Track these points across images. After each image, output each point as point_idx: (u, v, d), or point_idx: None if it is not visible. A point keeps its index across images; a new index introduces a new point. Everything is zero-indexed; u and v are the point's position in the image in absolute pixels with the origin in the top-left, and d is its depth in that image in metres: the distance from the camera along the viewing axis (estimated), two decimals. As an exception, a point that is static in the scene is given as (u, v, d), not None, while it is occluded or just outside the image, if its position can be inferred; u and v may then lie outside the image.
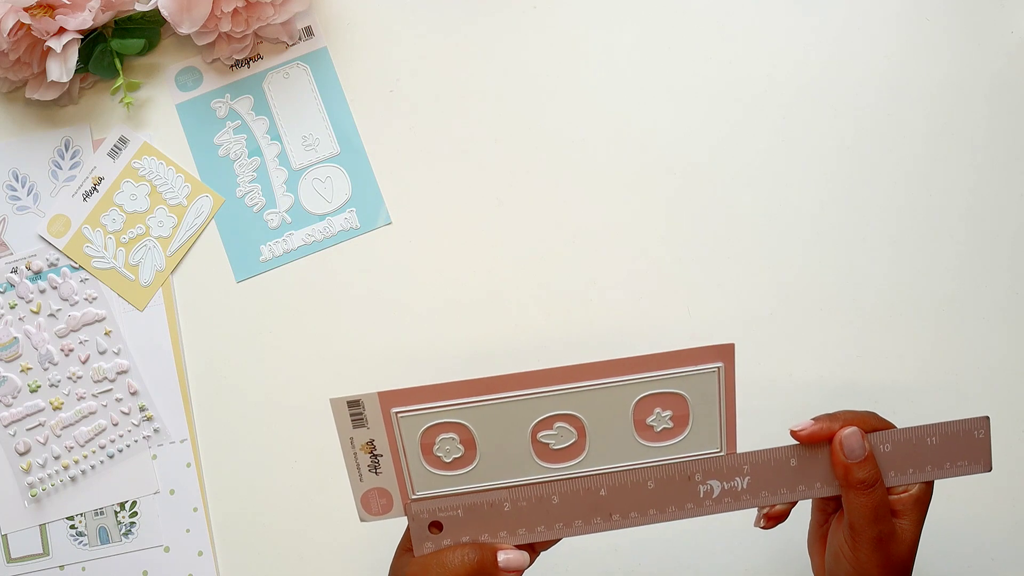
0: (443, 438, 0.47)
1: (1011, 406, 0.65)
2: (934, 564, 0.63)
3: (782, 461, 0.48)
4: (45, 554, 0.65)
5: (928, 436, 0.48)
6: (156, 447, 0.66)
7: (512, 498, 0.47)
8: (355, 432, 0.46)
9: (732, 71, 0.68)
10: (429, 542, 0.47)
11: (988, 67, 0.67)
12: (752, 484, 0.48)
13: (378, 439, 0.46)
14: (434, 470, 0.47)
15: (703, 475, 0.48)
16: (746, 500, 0.48)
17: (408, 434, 0.46)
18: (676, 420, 0.47)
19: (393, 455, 0.47)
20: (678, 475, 0.48)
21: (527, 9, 0.69)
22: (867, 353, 0.65)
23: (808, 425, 0.47)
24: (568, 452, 0.47)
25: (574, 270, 0.66)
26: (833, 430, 0.47)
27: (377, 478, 0.47)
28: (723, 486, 0.48)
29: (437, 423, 0.46)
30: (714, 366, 0.47)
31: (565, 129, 0.68)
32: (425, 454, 0.47)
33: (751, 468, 0.48)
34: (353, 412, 0.46)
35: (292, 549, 0.65)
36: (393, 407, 0.46)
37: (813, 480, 0.48)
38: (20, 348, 0.66)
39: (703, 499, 0.48)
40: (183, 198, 0.67)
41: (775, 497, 0.48)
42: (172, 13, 0.63)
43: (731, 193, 0.67)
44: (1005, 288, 0.66)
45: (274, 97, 0.68)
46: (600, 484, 0.47)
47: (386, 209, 0.67)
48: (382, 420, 0.46)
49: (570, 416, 0.47)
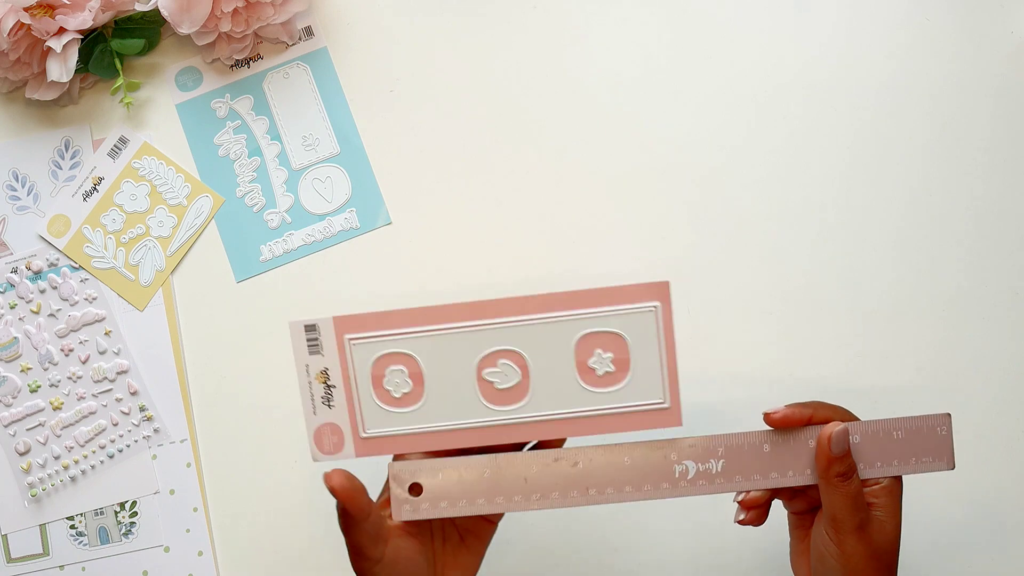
0: (392, 370, 0.48)
1: (1011, 406, 0.65)
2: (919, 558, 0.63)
3: (755, 446, 0.48)
4: (45, 554, 0.65)
5: (894, 430, 0.48)
6: (156, 447, 0.66)
7: (493, 465, 0.48)
8: (311, 359, 0.48)
9: (732, 72, 0.68)
10: (408, 504, 0.48)
11: (988, 67, 0.67)
12: (726, 467, 0.48)
13: (332, 369, 0.48)
14: (384, 406, 0.49)
15: (678, 455, 0.48)
16: (720, 484, 0.48)
17: (360, 363, 0.48)
18: (617, 364, 0.48)
19: (346, 386, 0.48)
20: (654, 453, 0.48)
21: (528, 9, 0.69)
22: (868, 353, 0.65)
23: (781, 410, 0.48)
24: (512, 393, 0.48)
25: (574, 270, 0.66)
26: (804, 416, 0.48)
27: (330, 412, 0.48)
28: (698, 467, 0.48)
29: (387, 352, 0.48)
30: (650, 305, 0.47)
31: (565, 129, 0.68)
32: (376, 387, 0.48)
33: (725, 451, 0.48)
34: (309, 336, 0.48)
35: (292, 549, 0.65)
36: (347, 332, 0.48)
37: (786, 468, 0.48)
38: (20, 348, 0.66)
39: (678, 479, 0.48)
40: (183, 198, 0.67)
41: (748, 483, 0.48)
42: (172, 13, 0.63)
43: (731, 193, 0.67)
44: (1007, 288, 0.66)
45: (274, 97, 0.68)
46: (576, 458, 0.48)
47: (386, 209, 0.67)
48: (336, 347, 0.48)
49: (513, 352, 0.48)
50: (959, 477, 0.64)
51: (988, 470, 0.64)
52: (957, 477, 0.64)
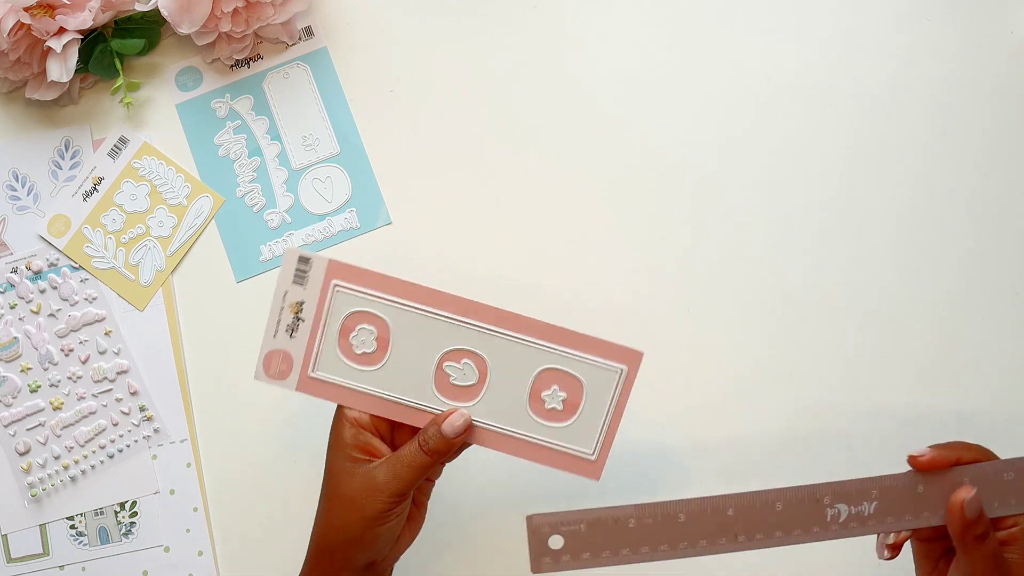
0: (362, 328, 0.49)
1: (1011, 406, 0.65)
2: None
3: (909, 487, 0.48)
4: (45, 554, 0.65)
5: None
6: (156, 447, 0.66)
7: (638, 515, 0.47)
8: (292, 287, 0.49)
9: (732, 71, 0.68)
10: (547, 557, 0.47)
11: (988, 67, 0.67)
12: (879, 509, 0.48)
13: (308, 304, 0.49)
14: (343, 357, 0.50)
15: (832, 498, 0.47)
16: (871, 526, 0.48)
17: (336, 309, 0.49)
18: (567, 405, 0.49)
19: (314, 324, 0.49)
20: (807, 498, 0.47)
21: (528, 9, 0.69)
22: (868, 353, 0.65)
23: (926, 453, 0.48)
24: (464, 392, 0.49)
25: (574, 270, 0.66)
26: (951, 459, 0.48)
27: (289, 341, 0.49)
28: (851, 510, 0.48)
29: (364, 310, 0.49)
30: (618, 367, 0.49)
31: (565, 129, 0.68)
32: (341, 336, 0.49)
33: (879, 493, 0.48)
34: (299, 268, 0.49)
35: (292, 549, 0.65)
36: (335, 278, 0.49)
37: (938, 508, 0.48)
38: (20, 348, 0.66)
39: (830, 523, 0.48)
40: (183, 198, 0.67)
41: (899, 523, 0.48)
42: (172, 13, 0.63)
43: (731, 193, 0.67)
44: (1007, 288, 0.66)
45: (274, 97, 0.68)
46: (728, 504, 0.47)
47: (386, 209, 0.67)
48: (320, 287, 0.49)
49: (478, 356, 0.49)
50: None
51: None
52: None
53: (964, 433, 0.64)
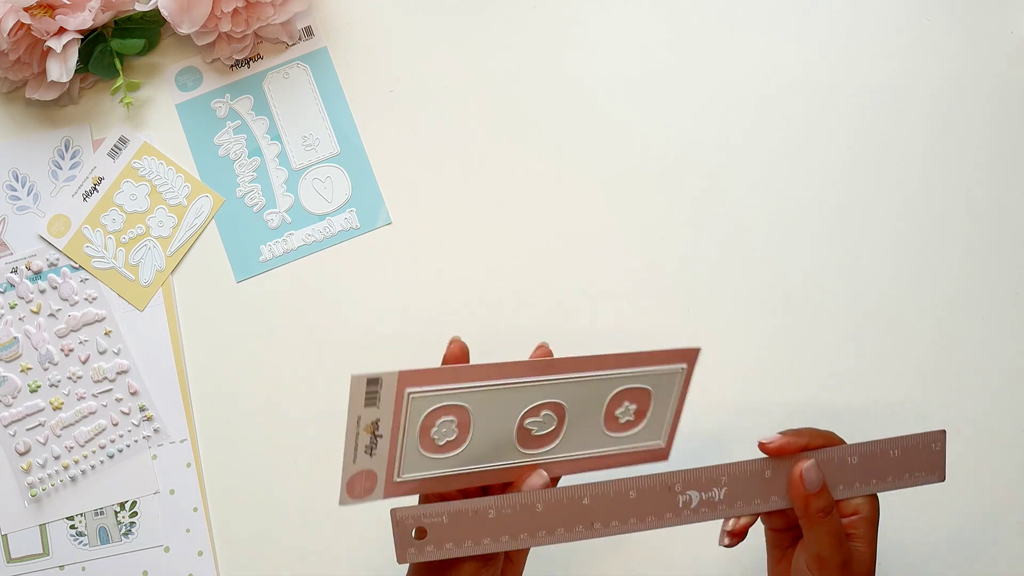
0: (443, 421, 0.48)
1: (1011, 406, 0.65)
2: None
3: (758, 472, 0.49)
4: (45, 554, 0.65)
5: (891, 448, 0.50)
6: (156, 447, 0.66)
7: (497, 505, 0.48)
8: (365, 411, 0.46)
9: (732, 71, 0.68)
10: (412, 548, 0.47)
11: (988, 67, 0.67)
12: (729, 494, 0.49)
13: (383, 420, 0.47)
14: (426, 453, 0.48)
15: (683, 485, 0.49)
16: (722, 510, 0.49)
17: (413, 415, 0.47)
18: (637, 414, 0.50)
19: (392, 435, 0.48)
20: (659, 485, 0.49)
21: (528, 9, 0.69)
22: (868, 352, 0.65)
23: (776, 439, 0.49)
24: (545, 438, 0.50)
25: (574, 270, 0.66)
26: (800, 444, 0.49)
27: (370, 460, 0.48)
28: (701, 496, 0.49)
29: (442, 405, 0.48)
30: (680, 366, 0.50)
31: (565, 129, 0.68)
32: (422, 436, 0.48)
33: (728, 479, 0.49)
34: (370, 390, 0.46)
35: (292, 549, 0.65)
36: (409, 387, 0.47)
37: (785, 491, 0.50)
38: (20, 348, 0.66)
39: (681, 509, 0.49)
40: (183, 198, 0.67)
41: (749, 507, 0.50)
42: (172, 13, 0.63)
43: (731, 193, 0.67)
44: (1007, 288, 0.66)
45: (274, 97, 0.68)
46: (583, 493, 0.48)
47: (386, 209, 0.67)
48: (394, 399, 0.47)
49: (556, 404, 0.49)
50: (959, 477, 0.64)
51: (988, 470, 0.64)
52: (957, 477, 0.64)
53: (964, 433, 0.64)
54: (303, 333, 0.66)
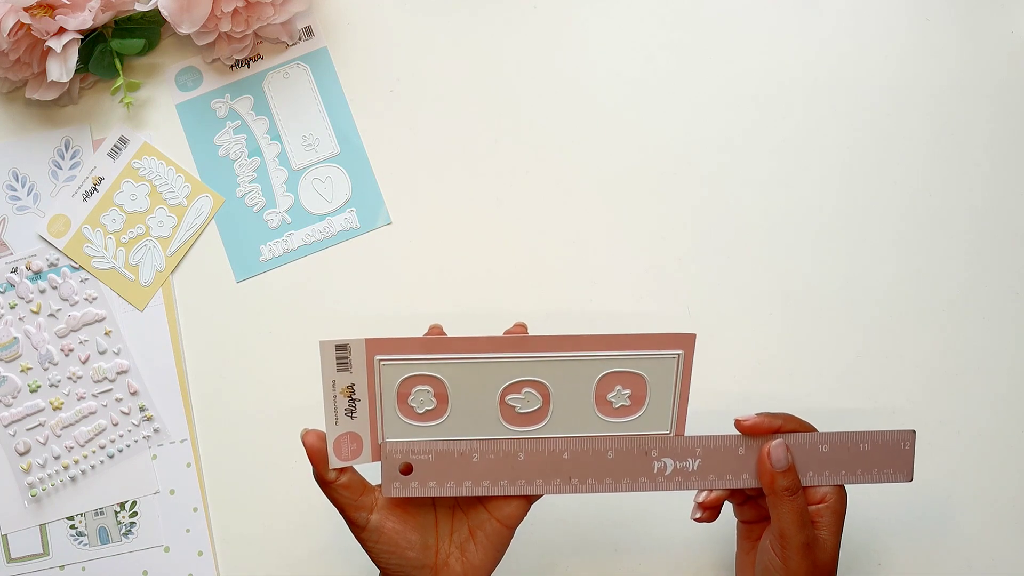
0: (419, 389, 0.50)
1: (1012, 406, 0.65)
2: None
3: (731, 448, 0.51)
4: (45, 554, 0.65)
5: (861, 442, 0.51)
6: (156, 447, 0.66)
7: (481, 450, 0.50)
8: (338, 375, 0.49)
9: (733, 72, 0.68)
10: (397, 482, 0.50)
11: (989, 67, 0.67)
12: (702, 467, 0.51)
13: (358, 384, 0.49)
14: (406, 419, 0.50)
15: (659, 452, 0.51)
16: (695, 481, 0.51)
17: (387, 382, 0.49)
18: (634, 399, 0.51)
19: (370, 401, 0.50)
20: (636, 449, 0.51)
21: (528, 9, 0.69)
22: (869, 352, 0.65)
23: (752, 417, 0.51)
24: (532, 417, 0.51)
25: (574, 270, 0.66)
26: (774, 425, 0.51)
27: (352, 422, 0.50)
28: (676, 464, 0.51)
29: (415, 375, 0.49)
30: (675, 352, 0.50)
31: (565, 129, 0.68)
32: (400, 403, 0.50)
33: (703, 451, 0.51)
34: (340, 356, 0.49)
35: (292, 549, 0.65)
36: (377, 354, 0.49)
37: (756, 470, 0.51)
38: (20, 348, 0.66)
39: (656, 475, 0.51)
40: (183, 198, 0.67)
41: (721, 482, 0.51)
42: (172, 13, 0.63)
43: (731, 193, 0.67)
44: (1007, 288, 0.66)
45: (274, 97, 0.68)
46: (564, 448, 0.51)
47: (386, 209, 0.67)
48: (365, 366, 0.49)
49: (538, 383, 0.50)
50: (957, 476, 0.64)
51: (988, 469, 0.64)
52: (955, 475, 0.64)
53: (963, 433, 0.64)
54: (303, 333, 0.66)
